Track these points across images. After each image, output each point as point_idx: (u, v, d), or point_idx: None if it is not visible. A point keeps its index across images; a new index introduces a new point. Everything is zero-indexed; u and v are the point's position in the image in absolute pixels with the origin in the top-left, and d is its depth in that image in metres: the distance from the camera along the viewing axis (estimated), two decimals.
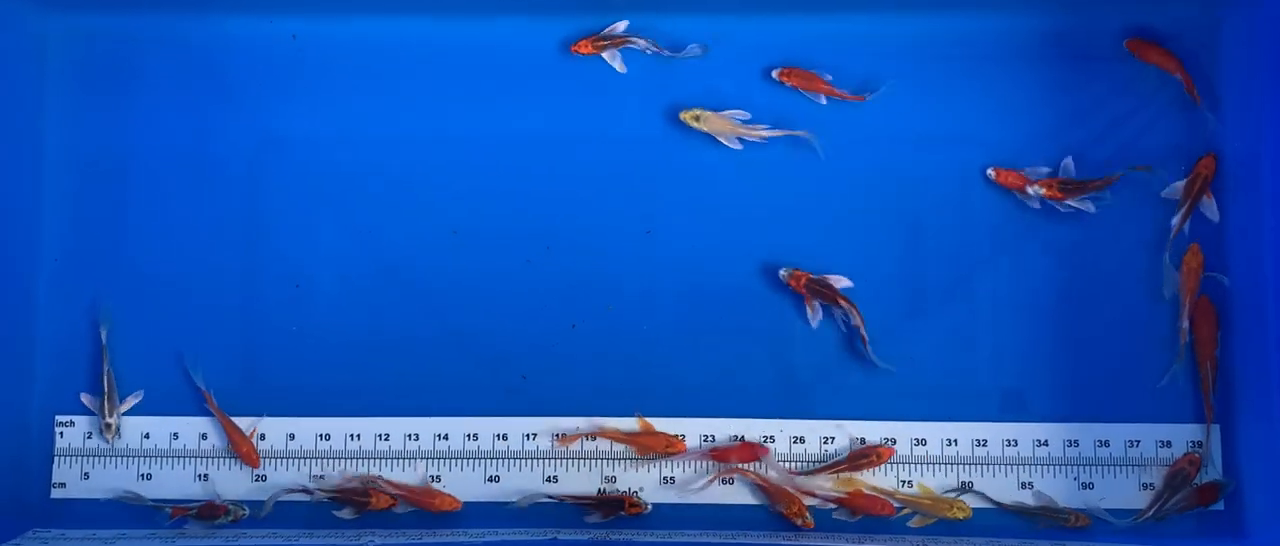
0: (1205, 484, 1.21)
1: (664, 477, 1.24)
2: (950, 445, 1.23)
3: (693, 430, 1.24)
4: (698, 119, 1.25)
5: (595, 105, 1.27)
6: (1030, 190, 1.23)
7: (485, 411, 1.25)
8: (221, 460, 1.26)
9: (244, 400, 1.26)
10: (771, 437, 1.24)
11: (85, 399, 1.25)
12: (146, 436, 1.26)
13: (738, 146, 1.25)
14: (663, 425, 1.24)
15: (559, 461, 1.25)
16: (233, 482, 1.26)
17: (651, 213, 1.26)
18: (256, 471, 1.25)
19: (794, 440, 1.24)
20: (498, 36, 1.28)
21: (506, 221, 1.26)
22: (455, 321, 1.26)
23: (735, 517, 1.24)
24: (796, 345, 1.25)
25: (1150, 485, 1.22)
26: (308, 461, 1.26)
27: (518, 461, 1.25)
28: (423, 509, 1.23)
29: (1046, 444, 1.23)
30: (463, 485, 1.25)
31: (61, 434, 1.26)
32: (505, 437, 1.25)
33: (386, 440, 1.25)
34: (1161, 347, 1.23)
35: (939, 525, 1.22)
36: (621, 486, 1.24)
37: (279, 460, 1.26)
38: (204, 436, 1.26)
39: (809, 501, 1.22)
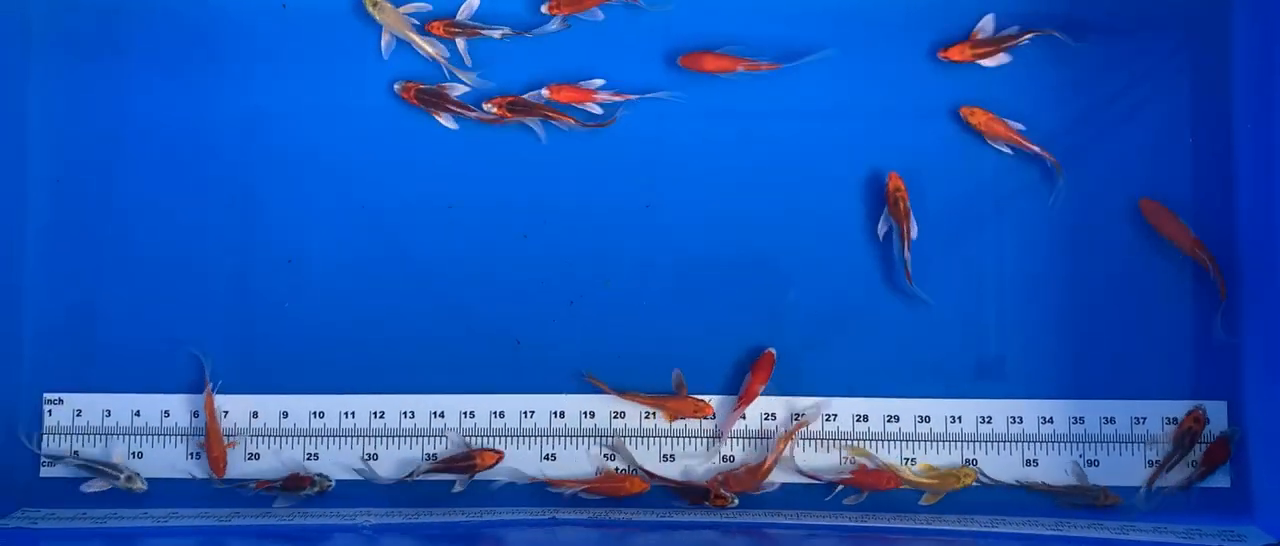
0: (1213, 443, 1.20)
1: (663, 455, 1.23)
2: (954, 422, 1.22)
3: None
4: (376, 5, 1.23)
5: (594, 75, 1.25)
6: (594, 106, 1.23)
7: (481, 388, 1.24)
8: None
9: (236, 377, 1.24)
10: (773, 414, 1.23)
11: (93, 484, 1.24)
12: (137, 414, 1.24)
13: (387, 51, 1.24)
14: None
15: (557, 439, 1.24)
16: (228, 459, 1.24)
17: (651, 186, 1.24)
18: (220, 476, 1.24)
19: (795, 416, 1.23)
20: (487, 6, 1.25)
21: (502, 196, 1.25)
22: (451, 297, 1.24)
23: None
24: (798, 321, 1.23)
25: (1156, 462, 1.21)
26: (301, 439, 1.24)
27: (515, 439, 1.24)
28: (612, 496, 1.21)
29: (1051, 421, 1.22)
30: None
31: (50, 412, 1.24)
32: (502, 415, 1.24)
33: (381, 417, 1.24)
34: (1168, 322, 1.22)
35: (946, 503, 1.21)
36: (622, 462, 1.23)
37: (272, 438, 1.24)
38: (195, 414, 1.24)
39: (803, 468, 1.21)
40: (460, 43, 1.24)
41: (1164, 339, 1.22)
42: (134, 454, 1.24)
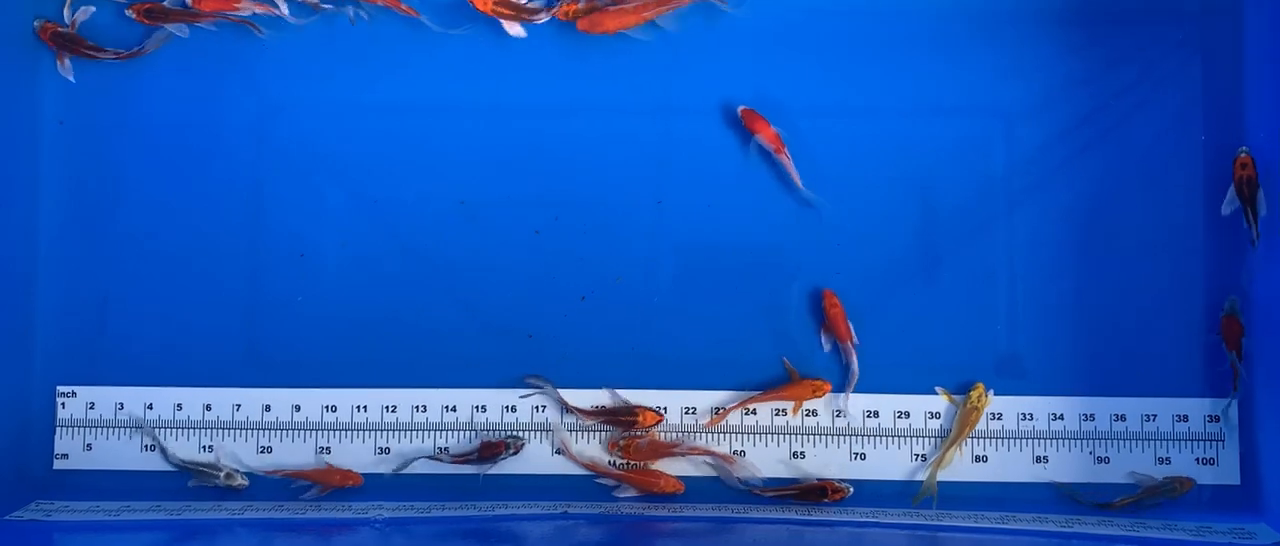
0: (1224, 319, 1.20)
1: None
2: None
3: (703, 402, 1.23)
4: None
5: (606, 74, 1.25)
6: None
7: (493, 383, 1.24)
8: (225, 430, 1.25)
9: (248, 372, 1.25)
10: (782, 411, 1.23)
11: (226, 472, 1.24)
12: (150, 407, 1.25)
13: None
14: (676, 398, 1.24)
15: (570, 433, 1.24)
16: (239, 453, 1.25)
17: (662, 183, 1.24)
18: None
19: (807, 413, 1.23)
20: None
21: (515, 191, 1.25)
22: (463, 292, 1.25)
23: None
24: (809, 318, 1.23)
25: (1166, 459, 1.21)
26: (313, 433, 1.24)
27: (525, 434, 1.24)
28: (647, 490, 1.22)
29: (1062, 417, 1.22)
30: None
31: (63, 404, 1.25)
32: (514, 409, 1.24)
33: (393, 412, 1.24)
34: (1179, 319, 1.22)
35: (955, 500, 1.21)
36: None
37: (284, 431, 1.25)
38: (207, 407, 1.25)
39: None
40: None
41: (1175, 336, 1.22)
42: (146, 446, 1.25)
